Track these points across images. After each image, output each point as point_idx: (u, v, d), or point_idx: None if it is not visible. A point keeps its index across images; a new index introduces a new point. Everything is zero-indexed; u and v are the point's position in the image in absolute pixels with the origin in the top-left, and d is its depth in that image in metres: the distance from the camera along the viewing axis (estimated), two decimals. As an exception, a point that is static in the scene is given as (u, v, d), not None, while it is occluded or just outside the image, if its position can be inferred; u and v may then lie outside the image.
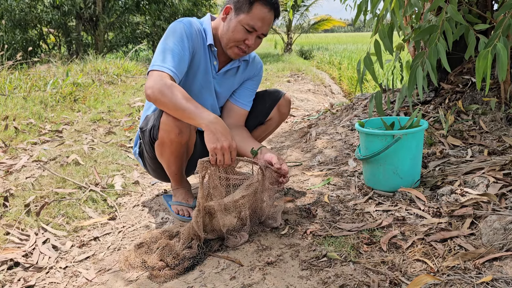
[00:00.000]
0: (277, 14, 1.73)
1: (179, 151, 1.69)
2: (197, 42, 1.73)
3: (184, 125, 1.61)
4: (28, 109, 4.02)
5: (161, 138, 1.63)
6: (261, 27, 1.68)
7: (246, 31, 1.67)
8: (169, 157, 1.71)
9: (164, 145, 1.65)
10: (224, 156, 1.47)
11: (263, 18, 1.67)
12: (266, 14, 1.67)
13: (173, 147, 1.65)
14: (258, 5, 1.66)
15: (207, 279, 1.35)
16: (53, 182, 2.28)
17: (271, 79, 7.27)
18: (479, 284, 1.13)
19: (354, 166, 2.24)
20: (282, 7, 15.83)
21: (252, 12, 1.65)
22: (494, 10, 2.65)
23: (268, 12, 1.68)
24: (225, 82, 1.86)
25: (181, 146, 1.67)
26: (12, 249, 1.62)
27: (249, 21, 1.66)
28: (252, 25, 1.66)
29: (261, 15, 1.66)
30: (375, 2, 1.87)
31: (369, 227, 1.54)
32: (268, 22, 1.69)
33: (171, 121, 1.58)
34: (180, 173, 1.85)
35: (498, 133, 2.21)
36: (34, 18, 10.80)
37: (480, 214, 1.45)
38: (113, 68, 7.00)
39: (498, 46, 1.51)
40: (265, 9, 1.67)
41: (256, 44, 1.74)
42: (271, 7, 1.68)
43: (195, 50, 1.73)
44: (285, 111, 2.02)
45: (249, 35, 1.69)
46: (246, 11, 1.66)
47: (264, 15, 1.67)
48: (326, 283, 1.24)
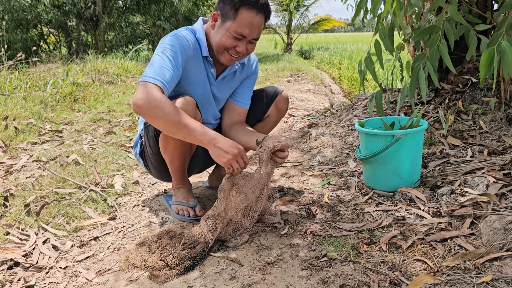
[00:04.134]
0: (268, 15, 1.64)
1: (183, 145, 1.69)
2: (193, 56, 1.68)
3: (190, 115, 1.62)
4: (28, 109, 4.02)
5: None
6: (250, 33, 1.61)
7: (235, 39, 1.61)
8: (173, 151, 1.71)
9: (169, 137, 1.64)
10: (239, 162, 1.50)
11: (251, 24, 1.59)
12: (253, 19, 1.59)
13: (178, 140, 1.65)
14: (244, 10, 1.57)
15: (207, 279, 1.35)
16: (53, 182, 2.28)
17: (271, 79, 7.26)
18: (479, 284, 1.13)
19: (354, 166, 2.24)
20: (282, 7, 15.85)
21: (238, 19, 1.58)
22: (494, 10, 2.65)
23: (256, 15, 1.59)
24: (224, 86, 1.85)
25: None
26: (12, 249, 1.62)
27: (237, 29, 1.59)
28: (240, 33, 1.59)
29: (248, 21, 1.58)
30: (376, 3, 1.87)
31: (369, 227, 1.54)
32: (257, 26, 1.61)
33: None
34: (183, 170, 1.85)
35: (498, 133, 2.21)
36: (35, 18, 10.81)
37: (480, 214, 1.45)
38: (113, 68, 7.00)
39: (503, 44, 1.51)
40: (252, 14, 1.58)
41: (249, 49, 1.67)
42: (259, 10, 1.59)
43: (191, 64, 1.69)
44: (283, 108, 2.01)
45: (239, 42, 1.62)
46: (232, 18, 1.58)
47: (251, 20, 1.59)
48: (326, 283, 1.24)
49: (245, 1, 1.57)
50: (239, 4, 1.57)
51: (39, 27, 11.72)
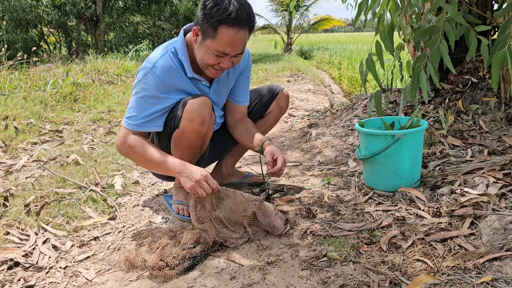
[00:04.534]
0: (252, 27, 1.54)
1: (197, 142, 1.70)
2: (178, 78, 1.64)
3: (207, 115, 1.63)
4: (28, 109, 4.02)
5: (183, 126, 1.62)
6: (233, 50, 1.53)
7: (218, 56, 1.54)
8: (185, 148, 1.71)
9: (184, 133, 1.64)
10: (203, 188, 1.53)
11: (232, 42, 1.50)
12: (234, 36, 1.49)
13: (192, 136, 1.65)
14: (223, 28, 1.47)
15: (207, 279, 1.35)
16: (53, 182, 2.28)
17: (271, 79, 7.27)
18: (479, 284, 1.13)
19: (354, 166, 2.24)
20: (282, 7, 15.84)
21: (218, 38, 1.49)
22: (494, 10, 2.65)
23: (237, 33, 1.49)
24: (221, 89, 1.84)
25: (200, 137, 1.68)
26: (12, 249, 1.62)
27: (217, 48, 1.51)
28: (221, 51, 1.52)
29: (228, 40, 1.49)
30: (373, 2, 1.88)
31: (369, 227, 1.54)
32: (240, 42, 1.52)
33: (195, 110, 1.60)
34: None
35: (498, 133, 2.21)
36: (35, 18, 10.81)
37: (480, 214, 1.45)
38: (113, 68, 7.01)
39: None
40: (233, 32, 1.48)
41: (235, 62, 1.61)
42: (240, 26, 1.48)
43: (180, 85, 1.65)
44: (284, 105, 2.05)
45: (221, 59, 1.55)
46: (211, 36, 1.50)
47: (232, 39, 1.49)
48: (326, 283, 1.24)
49: (224, 20, 1.46)
50: (217, 23, 1.47)
51: (39, 27, 11.72)
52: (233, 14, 1.46)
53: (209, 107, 1.66)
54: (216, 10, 1.46)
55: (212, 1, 1.48)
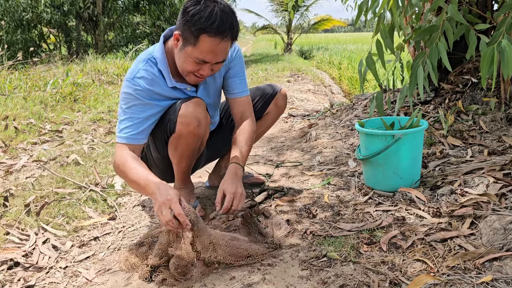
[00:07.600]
0: (235, 35, 1.49)
1: (195, 144, 1.69)
2: (161, 87, 1.62)
3: (202, 117, 1.63)
4: (28, 109, 4.02)
5: (179, 131, 1.61)
6: (213, 58, 1.48)
7: (198, 64, 1.50)
8: (183, 151, 1.70)
9: (182, 137, 1.64)
10: (163, 212, 1.32)
11: (213, 51, 1.46)
12: (215, 46, 1.44)
13: (189, 139, 1.64)
14: (205, 37, 1.42)
15: (207, 279, 1.35)
16: (53, 182, 2.28)
17: (271, 79, 7.27)
18: (479, 284, 1.13)
19: (354, 166, 2.24)
20: (282, 7, 15.84)
21: (199, 46, 1.44)
22: (494, 10, 2.65)
23: (219, 43, 1.44)
24: (208, 90, 1.80)
25: (198, 139, 1.67)
26: (12, 249, 1.62)
27: (198, 55, 1.47)
28: (201, 59, 1.48)
29: (209, 48, 1.45)
30: (373, 2, 1.88)
31: (369, 227, 1.54)
32: (221, 52, 1.48)
33: (190, 113, 1.59)
34: (189, 170, 1.86)
35: (498, 133, 2.21)
36: (35, 18, 10.81)
37: (480, 214, 1.45)
38: (113, 68, 7.01)
39: (503, 43, 1.51)
40: (215, 41, 1.43)
41: (216, 69, 1.57)
42: (222, 36, 1.43)
43: (165, 93, 1.64)
44: (282, 104, 2.04)
45: (201, 66, 1.51)
46: (192, 43, 1.45)
47: (213, 48, 1.45)
48: (326, 283, 1.24)
49: (205, 29, 1.41)
50: (198, 32, 1.42)
51: (39, 27, 11.71)
52: (215, 23, 1.41)
53: (204, 108, 1.65)
54: (198, 18, 1.41)
55: (194, 7, 1.42)
